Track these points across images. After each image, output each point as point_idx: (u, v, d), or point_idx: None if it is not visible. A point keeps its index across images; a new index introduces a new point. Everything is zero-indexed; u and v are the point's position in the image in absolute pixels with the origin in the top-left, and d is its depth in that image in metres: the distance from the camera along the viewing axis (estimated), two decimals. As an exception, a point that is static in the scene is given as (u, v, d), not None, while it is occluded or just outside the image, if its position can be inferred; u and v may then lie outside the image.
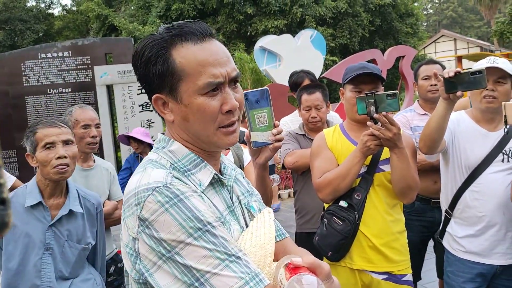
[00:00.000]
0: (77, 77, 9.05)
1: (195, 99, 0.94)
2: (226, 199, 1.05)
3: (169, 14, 14.13)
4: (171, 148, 1.01)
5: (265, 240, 1.02)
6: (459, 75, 1.90)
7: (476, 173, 2.16)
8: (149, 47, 0.95)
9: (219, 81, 0.94)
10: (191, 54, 0.94)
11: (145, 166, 0.97)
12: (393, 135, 1.81)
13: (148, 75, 0.96)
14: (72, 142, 1.91)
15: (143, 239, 0.87)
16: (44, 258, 1.81)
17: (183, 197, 0.88)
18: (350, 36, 15.09)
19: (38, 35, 18.58)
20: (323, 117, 2.79)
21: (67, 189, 1.95)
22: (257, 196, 1.21)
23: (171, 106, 0.98)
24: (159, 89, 0.97)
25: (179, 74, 0.94)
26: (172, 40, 0.94)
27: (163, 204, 0.86)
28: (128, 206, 0.91)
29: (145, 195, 0.88)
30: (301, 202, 2.86)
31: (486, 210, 2.14)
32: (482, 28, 44.56)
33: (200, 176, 0.99)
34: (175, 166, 0.98)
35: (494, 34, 19.91)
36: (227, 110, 0.96)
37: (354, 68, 2.01)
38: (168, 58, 0.94)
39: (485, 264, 2.16)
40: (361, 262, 1.98)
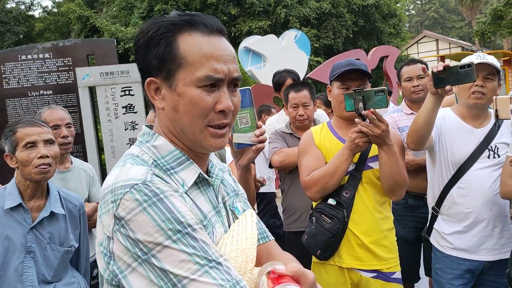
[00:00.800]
0: (58, 79, 8.88)
1: (190, 90, 0.89)
2: (212, 199, 1.00)
3: (152, 15, 14.01)
4: (155, 143, 0.95)
5: (247, 245, 0.97)
6: (448, 69, 1.89)
7: (463, 170, 2.17)
8: (154, 27, 0.91)
9: (219, 77, 0.90)
10: (197, 43, 0.90)
11: (125, 161, 0.92)
12: (381, 132, 1.80)
13: (148, 55, 0.92)
14: (53, 142, 1.87)
15: (118, 238, 0.82)
16: (26, 261, 1.76)
17: (162, 196, 0.83)
18: (334, 36, 15.19)
19: (18, 37, 18.22)
20: (311, 115, 2.77)
21: (47, 190, 1.90)
22: (242, 196, 1.17)
23: (164, 93, 0.93)
24: (155, 73, 0.92)
25: (180, 61, 0.89)
26: (181, 26, 0.91)
27: (141, 203, 0.81)
28: (104, 203, 0.85)
29: (122, 192, 0.82)
30: (289, 201, 2.84)
31: (473, 206, 2.14)
32: (463, 28, 45.41)
33: (184, 175, 0.94)
34: (158, 163, 0.92)
35: (476, 34, 20.26)
36: (221, 109, 0.91)
37: (341, 65, 2.00)
38: (172, 42, 0.90)
39: (473, 260, 2.17)
40: (350, 260, 1.97)
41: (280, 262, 0.87)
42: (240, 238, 0.98)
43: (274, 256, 1.09)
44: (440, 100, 1.99)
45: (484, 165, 2.14)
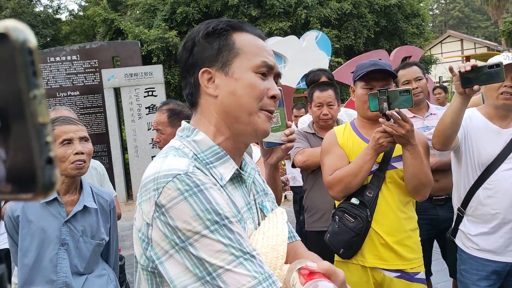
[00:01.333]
0: (85, 80, 9.13)
1: (248, 74, 0.97)
2: (245, 195, 1.04)
3: (174, 18, 14.19)
4: (195, 138, 0.99)
5: (277, 242, 1.00)
6: (476, 69, 1.87)
7: (489, 171, 2.14)
8: (214, 23, 1.00)
9: (272, 64, 1.00)
10: (251, 39, 1.01)
11: (167, 152, 0.96)
12: (406, 132, 1.79)
13: (206, 46, 0.99)
14: (88, 140, 1.94)
15: (158, 225, 0.85)
16: (60, 253, 1.84)
17: (203, 187, 0.86)
18: (355, 37, 15.05)
19: (46, 40, 18.74)
20: (335, 115, 2.78)
21: (81, 186, 1.97)
22: (271, 196, 1.20)
23: (218, 82, 0.98)
24: (209, 64, 0.99)
25: (237, 51, 0.98)
26: (236, 26, 1.01)
27: (182, 192, 0.84)
28: (146, 191, 0.88)
29: (165, 181, 0.86)
30: (311, 201, 2.86)
31: (500, 207, 2.11)
32: (489, 28, 44.26)
33: (222, 170, 0.98)
34: (198, 157, 0.96)
35: (502, 34, 19.75)
36: (273, 94, 1.00)
37: (365, 65, 2.00)
38: (229, 36, 0.99)
39: (500, 262, 2.14)
40: (373, 259, 1.97)
41: (310, 261, 0.89)
42: (270, 235, 1.00)
43: (301, 255, 1.11)
44: (467, 100, 1.97)
45: (511, 166, 2.11)
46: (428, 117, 2.88)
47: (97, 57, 9.23)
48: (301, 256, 1.11)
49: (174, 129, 2.23)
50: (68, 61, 9.19)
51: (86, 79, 9.28)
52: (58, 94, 9.19)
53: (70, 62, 9.19)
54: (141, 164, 8.44)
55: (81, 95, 9.29)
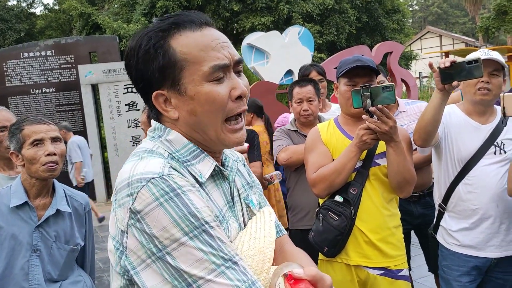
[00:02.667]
0: (61, 77, 8.88)
1: (202, 88, 0.87)
2: (226, 193, 0.99)
3: (154, 12, 13.98)
4: (168, 137, 0.93)
5: (264, 244, 0.95)
6: (455, 65, 1.88)
7: (469, 166, 2.16)
8: (145, 40, 0.89)
9: (224, 63, 0.88)
10: (192, 41, 0.88)
11: (140, 154, 0.89)
12: (389, 128, 1.78)
13: (147, 70, 0.89)
14: (60, 140, 1.86)
15: (133, 233, 0.80)
16: (32, 260, 1.75)
17: (180, 191, 0.81)
18: (337, 33, 15.12)
19: (19, 35, 18.24)
20: (315, 111, 2.75)
21: (53, 188, 1.89)
22: (257, 187, 1.15)
23: (175, 102, 0.90)
24: (160, 85, 0.90)
25: (181, 64, 0.87)
26: (169, 30, 0.89)
27: (157, 197, 0.79)
28: (119, 196, 0.83)
29: (139, 185, 0.80)
30: (294, 199, 2.82)
31: (480, 202, 2.13)
32: (467, 24, 45.23)
33: (200, 167, 0.92)
34: (173, 156, 0.91)
35: (479, 30, 20.15)
36: (238, 95, 0.90)
37: (348, 61, 1.98)
38: (167, 49, 0.88)
39: (480, 257, 2.16)
40: (357, 257, 1.95)
41: (297, 265, 0.86)
42: (258, 237, 0.96)
43: (287, 252, 1.08)
44: (447, 96, 1.99)
45: (490, 161, 2.13)
46: (397, 116, 2.83)
47: (73, 53, 8.99)
48: (287, 253, 1.07)
49: None
50: (42, 57, 8.93)
51: (61, 75, 9.03)
52: (33, 91, 8.93)
53: (45, 58, 8.93)
54: (121, 162, 8.26)
55: (56, 92, 9.04)
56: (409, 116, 2.84)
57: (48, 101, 8.97)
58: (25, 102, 8.87)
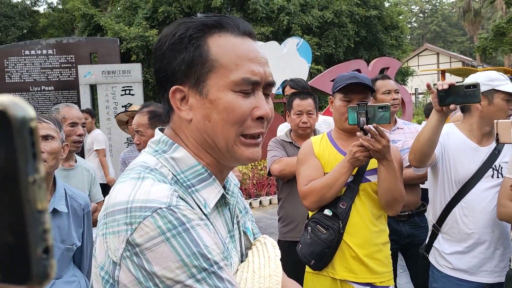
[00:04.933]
0: (60, 76, 8.90)
1: (225, 95, 0.79)
2: (228, 221, 0.90)
3: (155, 16, 14.05)
4: (174, 154, 0.83)
5: (270, 284, 0.86)
6: (453, 88, 1.87)
7: (466, 189, 2.13)
8: (182, 29, 0.82)
9: (256, 80, 0.81)
10: (230, 44, 0.81)
11: (141, 173, 0.78)
12: (382, 147, 1.81)
13: (174, 61, 0.82)
14: (52, 138, 1.87)
15: (128, 267, 0.70)
16: None
17: (189, 226, 0.71)
18: (335, 46, 15.24)
19: (22, 32, 18.27)
20: (313, 124, 2.79)
21: (54, 187, 1.90)
22: (250, 213, 1.09)
23: (192, 102, 0.82)
24: (182, 80, 0.82)
25: (212, 64, 0.80)
26: (211, 26, 0.82)
27: (164, 231, 0.69)
28: (113, 221, 0.72)
29: (142, 215, 0.70)
30: (286, 211, 2.85)
31: (475, 227, 2.10)
32: (465, 43, 45.66)
33: (206, 195, 0.83)
34: (177, 179, 0.81)
35: (477, 49, 20.36)
36: (260, 115, 0.81)
37: (344, 78, 2.01)
38: (202, 44, 0.81)
39: (472, 282, 2.13)
40: (343, 272, 1.97)
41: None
42: (262, 275, 0.87)
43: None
44: (444, 118, 1.96)
45: (488, 185, 2.10)
46: (395, 131, 2.91)
47: (74, 53, 9.02)
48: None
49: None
50: (43, 55, 8.95)
51: (61, 74, 9.06)
52: (32, 89, 8.94)
53: (46, 56, 8.96)
54: (114, 163, 8.28)
55: (55, 90, 9.06)
56: (406, 134, 2.88)
57: (47, 99, 8.98)
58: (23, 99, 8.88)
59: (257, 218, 7.24)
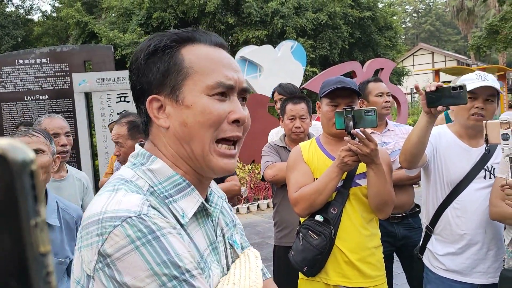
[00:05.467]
0: (55, 84, 8.89)
1: (201, 99, 0.81)
2: (210, 233, 0.89)
3: (150, 23, 14.06)
4: (151, 166, 0.84)
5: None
6: (441, 90, 1.88)
7: (458, 190, 2.13)
8: (156, 40, 0.85)
9: (230, 84, 0.83)
10: (203, 52, 0.84)
11: (116, 185, 0.79)
12: (370, 151, 1.81)
13: (150, 72, 0.84)
14: (42, 152, 1.85)
15: (101, 279, 0.70)
16: None
17: (159, 233, 0.71)
18: (330, 47, 15.29)
19: (16, 41, 18.23)
20: (307, 129, 2.79)
21: (46, 200, 1.89)
22: (239, 226, 1.08)
23: (169, 111, 0.83)
24: (158, 89, 0.84)
25: (187, 71, 0.82)
26: (184, 38, 0.85)
27: (133, 240, 0.69)
28: (86, 234, 0.72)
29: (112, 225, 0.70)
30: (280, 216, 2.84)
31: (468, 228, 2.10)
32: (459, 42, 45.90)
33: (184, 205, 0.83)
34: (154, 190, 0.81)
35: (471, 48, 20.44)
36: (235, 118, 0.83)
37: (331, 82, 2.02)
38: (176, 53, 0.83)
39: (466, 283, 2.13)
40: (336, 277, 1.97)
41: None
42: (242, 286, 0.87)
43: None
44: (433, 119, 1.96)
45: (480, 186, 2.10)
46: (386, 133, 2.92)
47: (68, 61, 9.02)
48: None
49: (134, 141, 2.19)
50: (37, 64, 8.95)
51: (56, 83, 9.05)
52: (26, 98, 8.92)
53: (40, 65, 8.95)
54: (111, 171, 8.27)
55: (50, 99, 9.05)
56: (397, 135, 2.89)
57: (41, 108, 8.96)
58: (18, 109, 8.85)
59: (255, 222, 7.23)
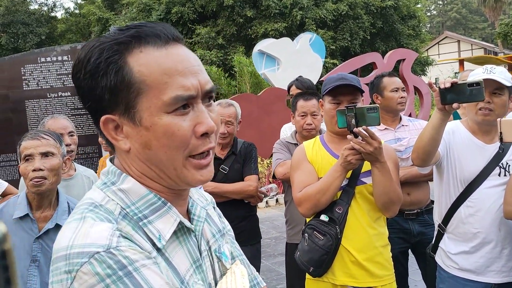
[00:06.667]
0: (76, 81, 9.10)
1: (160, 119, 0.72)
2: (192, 252, 0.82)
3: (169, 17, 14.16)
4: (122, 186, 0.77)
5: None
6: (456, 86, 1.80)
7: (472, 187, 2.07)
8: (96, 53, 0.73)
9: (190, 94, 0.73)
10: (154, 60, 0.73)
11: (83, 212, 0.73)
12: (373, 149, 1.77)
13: (96, 89, 0.73)
14: (52, 154, 1.87)
15: None
16: (31, 270, 1.80)
17: (131, 268, 0.66)
18: (351, 38, 15.04)
19: (40, 38, 18.69)
20: (318, 125, 2.75)
21: (57, 201, 1.92)
22: (229, 234, 1.01)
23: (127, 131, 0.75)
24: (110, 108, 0.74)
25: (138, 87, 0.72)
26: (127, 43, 0.73)
27: (103, 278, 0.64)
28: (56, 269, 0.67)
29: (79, 262, 0.65)
30: (292, 213, 2.82)
31: (482, 226, 2.05)
32: (486, 29, 44.42)
33: (160, 226, 0.76)
34: (127, 212, 0.75)
35: (498, 36, 19.81)
36: (203, 132, 0.74)
37: (332, 80, 1.97)
38: (122, 66, 0.72)
39: (480, 282, 2.08)
40: (343, 277, 1.94)
41: None
42: None
43: None
44: (447, 116, 1.90)
45: (494, 183, 2.04)
46: (400, 129, 2.84)
47: (89, 58, 9.17)
48: None
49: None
50: (59, 62, 9.14)
51: (77, 80, 9.23)
52: (49, 95, 9.15)
53: (61, 63, 9.14)
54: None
55: (72, 96, 9.23)
56: (411, 131, 2.82)
57: (64, 104, 9.17)
58: (41, 106, 9.07)
59: (273, 216, 7.24)
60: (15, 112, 8.71)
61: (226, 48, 14.35)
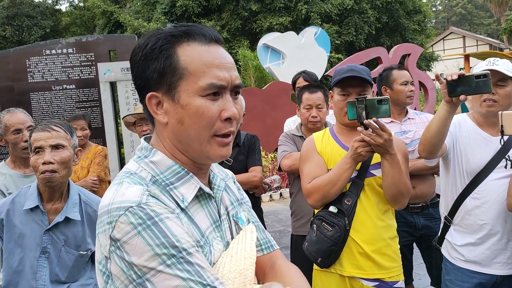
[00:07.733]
0: (81, 74, 9.08)
1: (194, 100, 0.88)
2: (212, 213, 0.99)
3: (174, 11, 14.12)
4: (153, 158, 0.94)
5: (245, 266, 0.95)
6: (463, 78, 1.80)
7: (478, 179, 2.08)
8: (153, 40, 0.91)
9: (221, 84, 0.90)
10: (197, 53, 0.90)
11: (122, 178, 0.91)
12: (384, 141, 1.77)
13: (147, 70, 0.91)
14: (62, 147, 1.84)
15: (115, 260, 0.83)
16: (40, 261, 1.81)
17: (157, 219, 0.82)
18: (356, 33, 14.96)
19: (45, 31, 18.68)
20: (323, 118, 2.75)
21: (68, 194, 1.91)
22: (247, 204, 1.17)
23: (166, 107, 0.91)
24: (156, 87, 0.91)
25: (181, 72, 0.89)
26: (179, 37, 0.91)
27: (135, 226, 0.81)
28: (100, 222, 0.86)
29: (117, 214, 0.82)
30: (297, 205, 2.83)
31: (488, 218, 2.05)
32: (491, 25, 44.07)
33: (184, 191, 0.93)
34: (157, 179, 0.92)
35: (504, 31, 19.63)
36: (227, 117, 0.90)
37: (342, 71, 1.96)
38: (172, 54, 0.90)
39: (485, 274, 2.08)
40: (351, 269, 1.94)
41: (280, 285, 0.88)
42: (239, 258, 0.96)
43: (278, 268, 1.08)
44: (454, 109, 1.90)
45: (500, 175, 2.04)
46: (406, 122, 2.84)
47: (93, 51, 9.16)
48: (278, 269, 1.08)
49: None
50: (64, 54, 9.14)
51: (82, 72, 9.24)
52: (54, 88, 9.16)
53: (66, 55, 9.14)
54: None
55: (77, 88, 9.25)
56: (417, 124, 2.82)
57: (69, 97, 9.19)
58: (46, 98, 9.09)
59: (277, 210, 7.25)
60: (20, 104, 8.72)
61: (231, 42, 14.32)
